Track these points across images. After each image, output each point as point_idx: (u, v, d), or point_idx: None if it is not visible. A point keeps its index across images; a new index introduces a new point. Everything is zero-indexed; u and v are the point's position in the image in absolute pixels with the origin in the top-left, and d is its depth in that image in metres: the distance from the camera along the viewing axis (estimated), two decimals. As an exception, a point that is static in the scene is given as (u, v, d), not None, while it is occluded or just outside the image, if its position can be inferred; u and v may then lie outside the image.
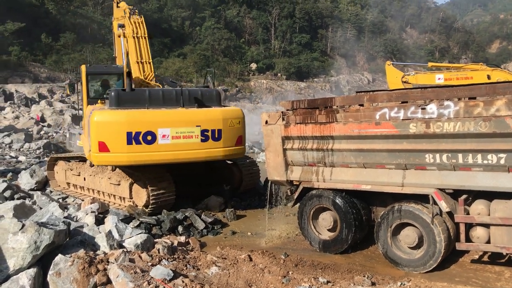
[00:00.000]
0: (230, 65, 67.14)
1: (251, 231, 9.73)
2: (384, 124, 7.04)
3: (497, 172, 6.31)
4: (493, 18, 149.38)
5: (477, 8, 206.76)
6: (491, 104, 6.15)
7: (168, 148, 9.79)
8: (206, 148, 10.08)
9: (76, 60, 47.95)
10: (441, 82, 19.07)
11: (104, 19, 58.33)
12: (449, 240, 6.83)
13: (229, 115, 10.46)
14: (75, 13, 56.77)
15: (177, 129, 9.81)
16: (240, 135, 10.60)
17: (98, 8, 60.16)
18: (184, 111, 10.15)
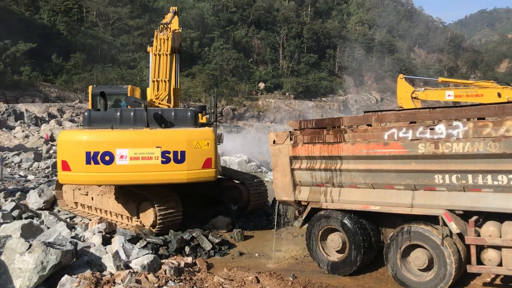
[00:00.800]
0: (238, 85, 67.61)
1: (258, 252, 9.63)
2: (392, 145, 7.00)
3: (508, 193, 6.22)
4: (501, 38, 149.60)
5: (485, 27, 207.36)
6: (500, 125, 6.10)
7: (126, 169, 9.56)
8: (168, 171, 9.62)
9: (86, 80, 48.56)
10: (451, 98, 19.03)
11: (114, 39, 59.23)
12: (460, 262, 6.71)
13: (195, 136, 9.90)
14: (85, 33, 57.67)
15: (136, 150, 9.54)
16: (209, 157, 9.87)
17: (108, 29, 61.08)
18: (144, 131, 9.91)
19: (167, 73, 12.40)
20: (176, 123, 10.25)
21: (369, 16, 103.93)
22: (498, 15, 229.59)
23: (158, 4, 69.88)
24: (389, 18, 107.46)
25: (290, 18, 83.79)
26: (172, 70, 12.66)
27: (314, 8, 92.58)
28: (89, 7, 60.27)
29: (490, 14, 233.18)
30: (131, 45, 59.50)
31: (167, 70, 12.39)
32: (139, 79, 51.77)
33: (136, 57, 57.51)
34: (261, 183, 12.54)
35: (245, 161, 25.99)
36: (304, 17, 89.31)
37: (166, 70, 12.37)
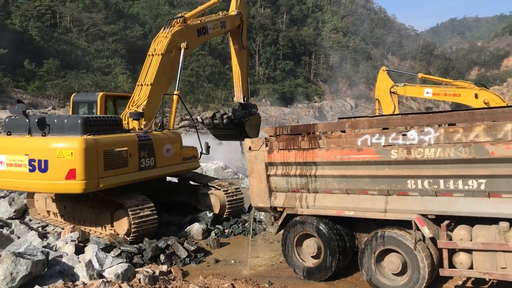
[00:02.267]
0: (215, 91, 67.49)
1: (234, 259, 9.59)
2: (366, 150, 7.08)
3: (478, 197, 6.36)
4: (471, 46, 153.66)
5: (456, 36, 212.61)
6: (470, 130, 6.24)
7: (3, 175, 9.68)
8: (33, 179, 9.37)
9: (60, 86, 47.76)
10: (429, 96, 19.49)
11: (88, 45, 58.47)
12: (433, 266, 6.82)
13: (59, 145, 9.32)
14: (59, 39, 56.76)
15: (11, 157, 9.57)
16: (73, 168, 9.21)
17: (82, 34, 60.27)
18: (21, 138, 9.82)
19: (153, 76, 12.07)
20: (65, 130, 9.80)
21: (343, 24, 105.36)
22: (468, 23, 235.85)
23: (133, 10, 69.37)
24: (363, 26, 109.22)
25: (265, 25, 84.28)
26: (164, 72, 12.32)
27: (289, 15, 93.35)
28: (62, 12, 59.37)
29: (460, 22, 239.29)
30: (105, 51, 58.81)
31: (154, 72, 12.11)
32: (113, 85, 51.22)
33: (110, 63, 56.89)
34: (238, 190, 12.52)
35: (222, 168, 25.87)
36: (279, 24, 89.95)
37: (153, 72, 12.11)
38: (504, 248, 6.22)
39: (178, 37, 12.63)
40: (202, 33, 13.69)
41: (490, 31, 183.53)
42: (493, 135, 6.08)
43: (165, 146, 11.45)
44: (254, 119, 15.03)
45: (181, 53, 12.63)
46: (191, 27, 13.29)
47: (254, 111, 15.32)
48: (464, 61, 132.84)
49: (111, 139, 10.03)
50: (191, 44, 13.34)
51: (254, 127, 15.26)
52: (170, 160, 11.66)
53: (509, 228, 6.24)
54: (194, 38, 13.43)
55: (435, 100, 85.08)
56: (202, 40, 14.43)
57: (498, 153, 5.99)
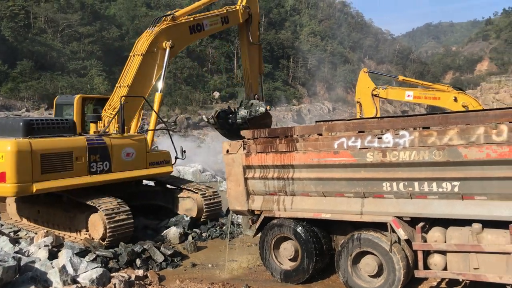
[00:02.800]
0: (193, 94, 67.13)
1: (212, 263, 9.54)
2: (342, 153, 7.14)
3: (452, 199, 6.47)
4: (446, 50, 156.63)
5: (431, 40, 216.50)
6: (444, 134, 6.35)
7: None
8: None
9: (34, 88, 46.81)
10: (410, 99, 19.55)
11: (64, 46, 57.50)
12: (408, 268, 6.90)
13: None
14: (33, 40, 55.67)
15: None
16: (3, 171, 9.16)
17: (57, 35, 59.25)
18: None
19: (131, 77, 11.87)
20: (7, 132, 9.76)
21: (321, 28, 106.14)
22: (443, 28, 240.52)
23: (109, 11, 68.49)
24: (340, 30, 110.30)
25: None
26: (145, 73, 12.08)
27: (267, 18, 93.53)
28: (36, 13, 58.24)
29: (436, 27, 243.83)
30: (81, 52, 57.88)
31: (133, 73, 11.90)
32: (89, 87, 50.47)
33: (86, 65, 56.01)
34: (215, 193, 12.46)
35: (200, 171, 25.72)
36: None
37: (132, 73, 11.91)
38: (477, 249, 6.33)
39: (164, 36, 12.36)
40: (197, 30, 13.21)
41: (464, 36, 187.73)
42: (466, 139, 6.19)
43: (124, 150, 11.14)
44: (261, 119, 13.66)
45: (166, 52, 12.36)
46: (181, 24, 12.86)
47: (260, 110, 13.91)
48: (439, 65, 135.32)
49: (50, 142, 9.82)
50: (181, 43, 13.08)
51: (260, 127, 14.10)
52: (131, 165, 11.33)
53: (482, 229, 6.36)
54: (185, 36, 13.06)
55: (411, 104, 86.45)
56: (197, 37, 14.03)
57: (471, 156, 6.11)
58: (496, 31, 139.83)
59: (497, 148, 5.96)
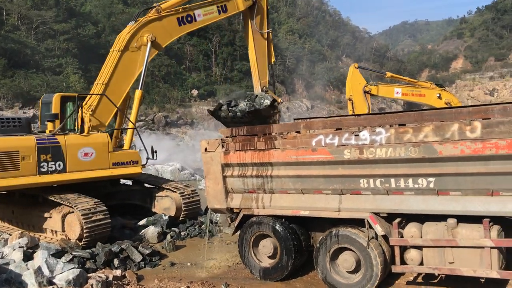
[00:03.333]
0: (170, 91, 66.62)
1: (190, 262, 9.49)
2: (320, 151, 7.18)
3: (427, 195, 6.57)
4: (422, 48, 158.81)
5: (407, 38, 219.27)
6: (419, 131, 6.44)
7: None
8: None
9: (7, 86, 45.78)
10: (399, 96, 19.48)
11: (38, 44, 56.40)
12: (385, 263, 6.98)
13: None
14: (6, 37, 54.43)
15: None
16: None
17: (31, 33, 58.08)
18: None
19: (108, 75, 11.70)
20: None
21: (299, 26, 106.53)
22: (419, 27, 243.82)
23: (85, 8, 67.45)
24: (318, 28, 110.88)
25: (222, 26, 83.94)
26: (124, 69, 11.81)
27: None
28: (9, 9, 56.94)
29: (412, 25, 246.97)
30: (56, 50, 56.83)
31: (110, 70, 11.71)
32: (65, 85, 49.63)
33: (62, 62, 55.06)
34: (194, 192, 12.40)
35: (178, 169, 25.62)
36: (236, 25, 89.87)
37: (109, 70, 11.71)
38: (452, 244, 6.45)
39: (146, 30, 12.02)
40: (187, 21, 12.58)
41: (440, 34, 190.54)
42: (441, 135, 6.29)
43: (81, 150, 10.85)
44: (265, 112, 11.57)
45: (147, 47, 12.00)
46: (166, 17, 12.30)
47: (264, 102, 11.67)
48: (415, 63, 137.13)
49: None
50: (168, 36, 12.56)
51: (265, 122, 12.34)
52: (90, 165, 10.99)
53: (457, 224, 6.48)
54: (172, 29, 12.51)
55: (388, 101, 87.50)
56: (188, 29, 13.18)
57: (446, 152, 6.21)
58: (470, 30, 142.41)
59: (471, 144, 6.07)
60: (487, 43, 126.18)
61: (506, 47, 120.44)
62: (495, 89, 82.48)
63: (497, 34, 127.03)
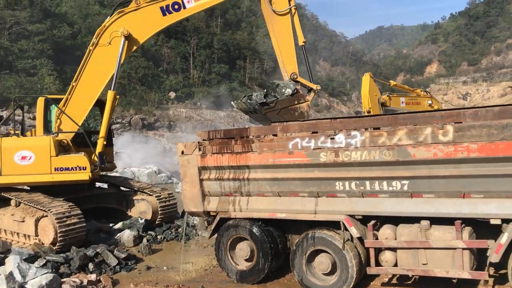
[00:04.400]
0: (148, 94, 66.07)
1: (167, 265, 9.43)
2: (296, 153, 7.23)
3: (402, 197, 6.68)
4: (397, 53, 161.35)
5: (383, 43, 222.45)
6: (393, 134, 6.55)
7: None
8: None
9: (-21, 87, 44.80)
10: (403, 106, 19.26)
11: (12, 45, 55.27)
12: (361, 265, 7.07)
13: None
14: (-22, 37, 53.32)
15: None
16: None
17: (4, 33, 56.90)
18: None
19: (80, 74, 11.34)
20: None
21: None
22: (394, 31, 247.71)
23: (61, 9, 66.40)
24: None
25: (200, 28, 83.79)
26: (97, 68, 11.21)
27: (223, 19, 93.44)
28: (-18, 9, 55.79)
29: (387, 30, 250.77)
30: (30, 51, 55.77)
31: (82, 70, 11.31)
32: (39, 87, 48.75)
33: (36, 64, 54.06)
34: (171, 195, 12.32)
35: (155, 172, 25.42)
36: (214, 28, 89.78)
37: (81, 69, 11.31)
38: (425, 245, 6.57)
39: (121, 24, 11.05)
40: (173, 9, 10.85)
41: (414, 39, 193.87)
42: (415, 139, 6.41)
43: (18, 153, 10.54)
44: (287, 103, 9.98)
45: (121, 43, 11.08)
46: (147, 7, 10.95)
47: (285, 92, 10.16)
48: (390, 67, 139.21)
49: None
50: (149, 29, 11.26)
51: (283, 114, 10.14)
52: (28, 169, 10.60)
53: (430, 226, 6.61)
54: (155, 20, 11.04)
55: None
56: (175, 18, 11.12)
57: (419, 156, 6.33)
58: (444, 35, 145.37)
59: (443, 148, 6.20)
60: (461, 48, 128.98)
61: (478, 53, 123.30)
62: (468, 93, 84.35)
63: (470, 40, 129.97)
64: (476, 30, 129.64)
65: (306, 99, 9.64)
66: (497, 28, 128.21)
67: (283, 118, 9.54)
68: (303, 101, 9.78)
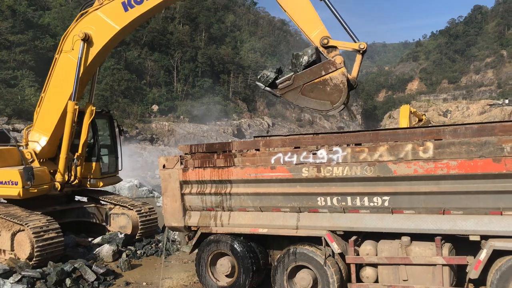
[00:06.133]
0: (130, 106, 65.72)
1: (146, 281, 9.28)
2: (279, 168, 7.22)
3: (382, 213, 6.70)
4: (379, 70, 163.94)
5: (366, 60, 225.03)
6: (375, 150, 6.59)
7: None
8: None
9: None
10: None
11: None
12: (342, 281, 7.04)
13: None
14: None
15: None
16: None
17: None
18: None
19: (47, 84, 11.12)
20: None
21: (260, 45, 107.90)
22: (376, 48, 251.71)
23: (43, 20, 65.91)
24: (279, 47, 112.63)
25: (184, 42, 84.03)
26: (62, 77, 10.84)
27: (208, 33, 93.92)
28: (-38, 19, 55.12)
29: (370, 47, 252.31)
30: (11, 62, 55.21)
31: (48, 79, 11.11)
32: (20, 98, 48.12)
33: (17, 75, 53.46)
34: (151, 210, 12.16)
35: (136, 186, 25.15)
36: (198, 42, 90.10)
37: (47, 79, 11.11)
38: (406, 261, 6.59)
39: (81, 26, 10.49)
40: (135, 2, 9.86)
41: (396, 57, 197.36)
42: (395, 155, 6.46)
43: None
44: (310, 75, 7.54)
45: (80, 47, 10.35)
46: (108, 4, 10.20)
47: (303, 60, 7.71)
48: (373, 83, 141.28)
49: None
50: (109, 29, 10.28)
51: (308, 92, 7.63)
52: None
53: (410, 242, 6.63)
54: (117, 17, 10.15)
55: (347, 121, 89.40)
56: (137, 12, 9.93)
57: (400, 172, 6.38)
58: (425, 53, 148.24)
59: (423, 164, 6.26)
60: (441, 66, 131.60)
61: (458, 71, 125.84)
62: (448, 110, 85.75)
63: (450, 58, 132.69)
64: (456, 49, 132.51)
65: (338, 65, 7.29)
66: (476, 47, 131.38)
67: (309, 97, 7.53)
68: (334, 69, 7.35)
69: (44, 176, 10.76)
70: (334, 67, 7.31)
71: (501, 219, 6.01)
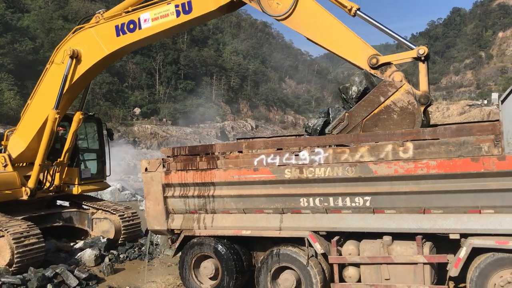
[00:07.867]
0: (112, 110, 65.17)
1: (129, 285, 9.20)
2: (261, 170, 7.24)
3: (364, 213, 6.77)
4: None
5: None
6: (356, 151, 6.66)
7: None
8: None
9: None
10: None
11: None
12: (325, 281, 7.09)
13: None
14: None
15: None
16: None
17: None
18: None
19: (35, 92, 11.16)
20: None
21: (243, 47, 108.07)
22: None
23: (22, 23, 64.99)
24: (262, 50, 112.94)
25: (166, 45, 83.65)
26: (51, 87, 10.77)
27: (190, 36, 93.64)
28: None
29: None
30: (-10, 65, 54.38)
31: (36, 88, 11.15)
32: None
33: (-4, 79, 52.65)
34: (134, 214, 12.07)
35: (119, 190, 24.96)
36: (180, 44, 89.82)
37: (36, 88, 11.14)
38: (388, 261, 6.67)
39: (72, 43, 10.59)
40: (128, 29, 9.67)
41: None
42: (376, 155, 6.53)
43: None
44: (361, 111, 6.97)
45: (67, 63, 10.43)
46: (102, 25, 10.16)
47: (352, 90, 7.20)
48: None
49: None
50: (99, 51, 10.20)
51: (372, 127, 7.08)
52: None
53: (392, 241, 6.72)
54: (108, 39, 10.04)
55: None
56: (128, 40, 9.81)
57: (381, 172, 6.45)
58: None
59: (404, 164, 6.34)
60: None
61: (438, 72, 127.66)
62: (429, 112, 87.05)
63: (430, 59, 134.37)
64: (436, 50, 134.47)
65: (398, 83, 6.48)
66: (455, 49, 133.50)
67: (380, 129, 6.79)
68: (394, 90, 6.47)
69: (12, 181, 10.65)
70: (394, 88, 6.47)
71: (480, 218, 6.12)
